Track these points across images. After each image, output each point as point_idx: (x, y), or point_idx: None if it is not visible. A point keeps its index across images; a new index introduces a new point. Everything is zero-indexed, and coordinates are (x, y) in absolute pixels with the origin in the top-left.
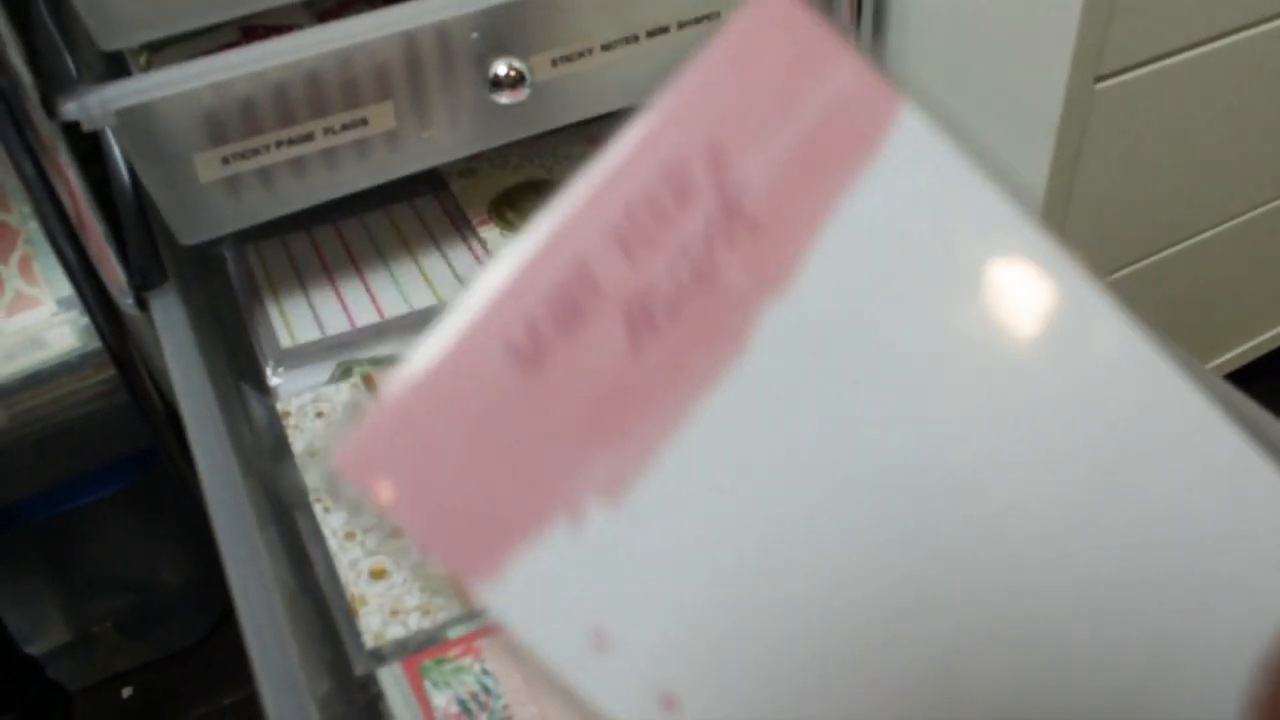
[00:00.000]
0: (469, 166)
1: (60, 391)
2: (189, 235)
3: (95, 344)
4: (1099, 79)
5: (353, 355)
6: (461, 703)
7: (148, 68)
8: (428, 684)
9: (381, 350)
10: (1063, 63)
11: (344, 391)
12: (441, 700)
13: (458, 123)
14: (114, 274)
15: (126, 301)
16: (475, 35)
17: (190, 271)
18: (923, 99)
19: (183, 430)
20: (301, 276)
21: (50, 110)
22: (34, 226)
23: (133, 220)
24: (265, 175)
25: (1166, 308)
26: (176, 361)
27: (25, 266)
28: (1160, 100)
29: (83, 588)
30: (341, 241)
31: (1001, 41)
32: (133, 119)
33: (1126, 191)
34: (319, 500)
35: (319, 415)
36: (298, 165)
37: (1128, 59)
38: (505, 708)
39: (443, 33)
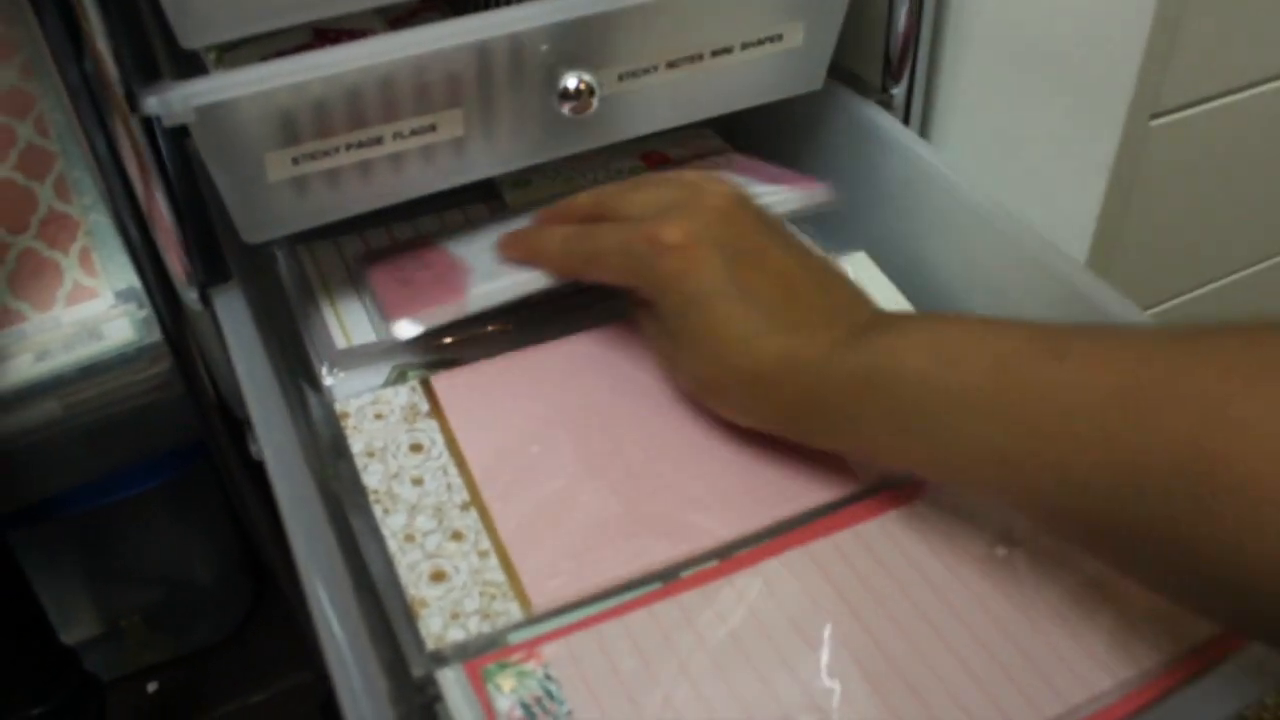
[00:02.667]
0: (523, 177)
1: (113, 384)
2: (254, 234)
3: (150, 338)
4: (1154, 116)
5: (407, 359)
6: (525, 706)
7: (218, 66)
8: (490, 687)
9: (434, 355)
10: (1121, 100)
11: (402, 394)
12: (505, 704)
13: (523, 133)
14: (180, 268)
15: (191, 297)
16: (546, 47)
17: (244, 270)
18: None
19: (234, 425)
20: (355, 278)
21: (133, 103)
22: (94, 219)
23: (199, 217)
24: (333, 177)
25: None
26: (243, 358)
27: (85, 258)
28: (1215, 139)
29: (114, 581)
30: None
31: (1058, 78)
32: (212, 116)
33: (1178, 227)
34: (378, 502)
35: (377, 417)
36: (365, 168)
37: (1185, 97)
38: (569, 714)
39: (515, 43)
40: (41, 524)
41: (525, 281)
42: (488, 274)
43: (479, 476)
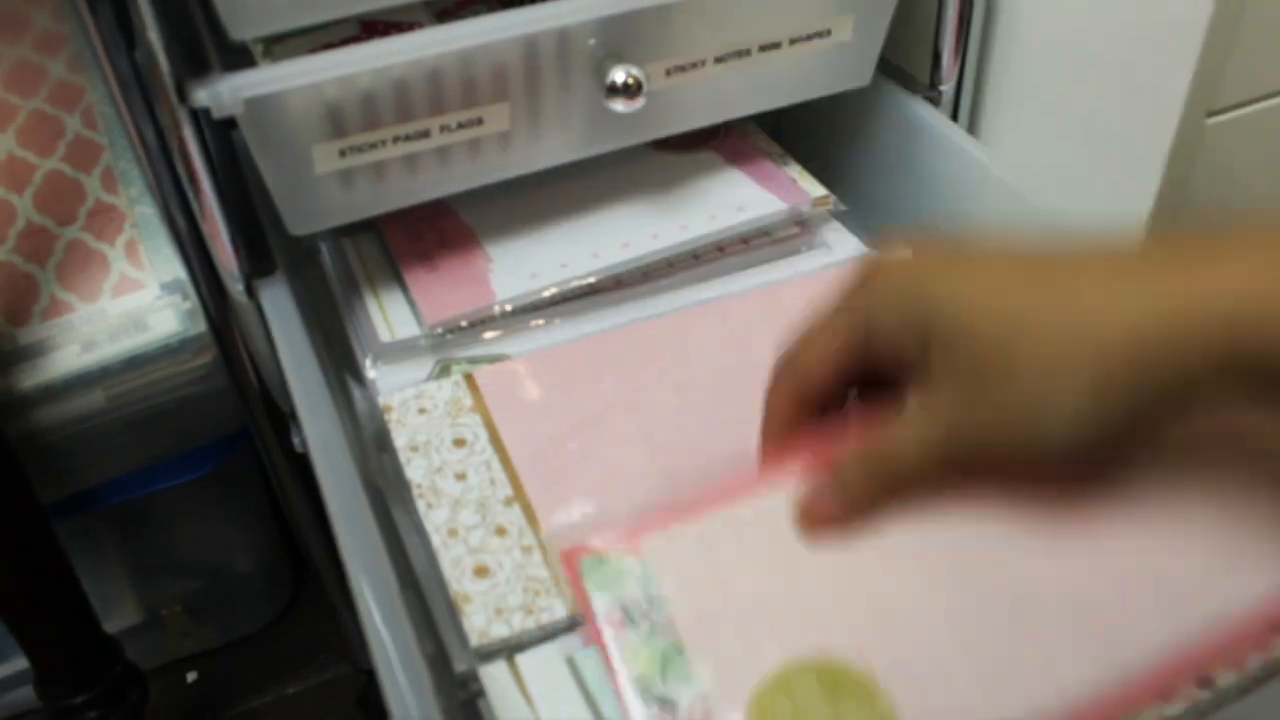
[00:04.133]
0: None
1: (158, 375)
2: (300, 226)
3: (195, 329)
4: (1210, 114)
5: (450, 354)
6: (625, 609)
7: (265, 58)
8: (589, 584)
9: (478, 350)
10: (1177, 97)
11: (445, 389)
12: (603, 605)
13: (570, 127)
14: (227, 259)
15: (237, 288)
16: (593, 41)
17: (289, 262)
18: None
19: (277, 416)
20: (399, 272)
21: (182, 95)
22: (140, 210)
23: (245, 209)
24: (379, 170)
25: None
26: (288, 350)
27: (131, 250)
28: (1272, 137)
29: (155, 570)
30: None
31: (1113, 73)
32: (260, 108)
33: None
34: (422, 496)
35: (421, 411)
36: (411, 161)
37: (1244, 94)
38: (668, 617)
39: (563, 37)
40: (85, 513)
41: (553, 280)
42: (509, 267)
43: (522, 472)
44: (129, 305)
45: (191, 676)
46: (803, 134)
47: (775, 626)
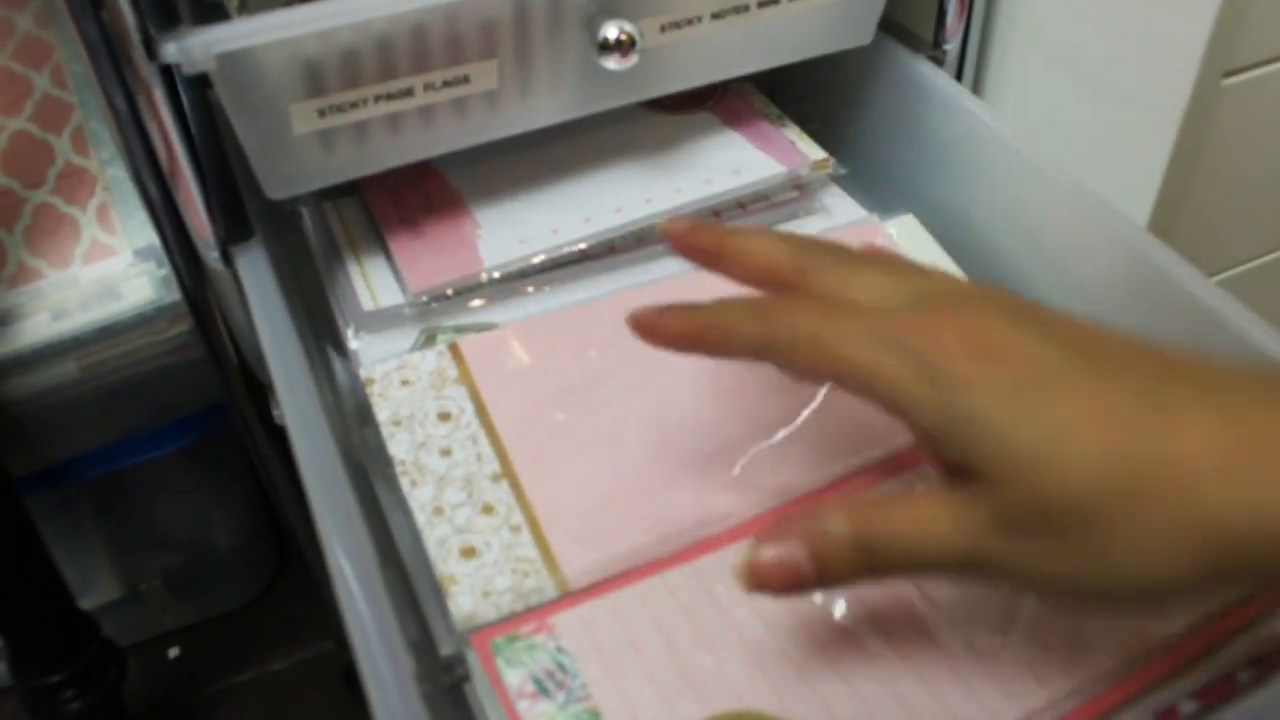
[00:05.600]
0: None
1: (133, 344)
2: (278, 189)
3: (170, 297)
4: (1227, 74)
5: (437, 322)
6: (537, 680)
7: (242, 13)
8: (500, 662)
9: (465, 318)
10: (1194, 56)
11: (429, 360)
12: (515, 679)
13: (560, 86)
14: (201, 225)
15: (212, 255)
16: None
17: (269, 228)
18: None
19: (255, 388)
20: (383, 237)
21: (151, 51)
22: (112, 173)
23: (218, 172)
24: (360, 130)
25: None
26: (265, 319)
27: (103, 214)
28: None
29: (134, 545)
30: None
31: (1126, 32)
32: (234, 64)
33: (1247, 189)
34: (405, 473)
35: (404, 384)
36: (394, 121)
37: (1260, 54)
38: (583, 686)
39: None
40: (61, 487)
41: (543, 246)
42: (498, 232)
43: (510, 446)
44: (101, 272)
45: (173, 652)
46: (801, 95)
47: (693, 688)
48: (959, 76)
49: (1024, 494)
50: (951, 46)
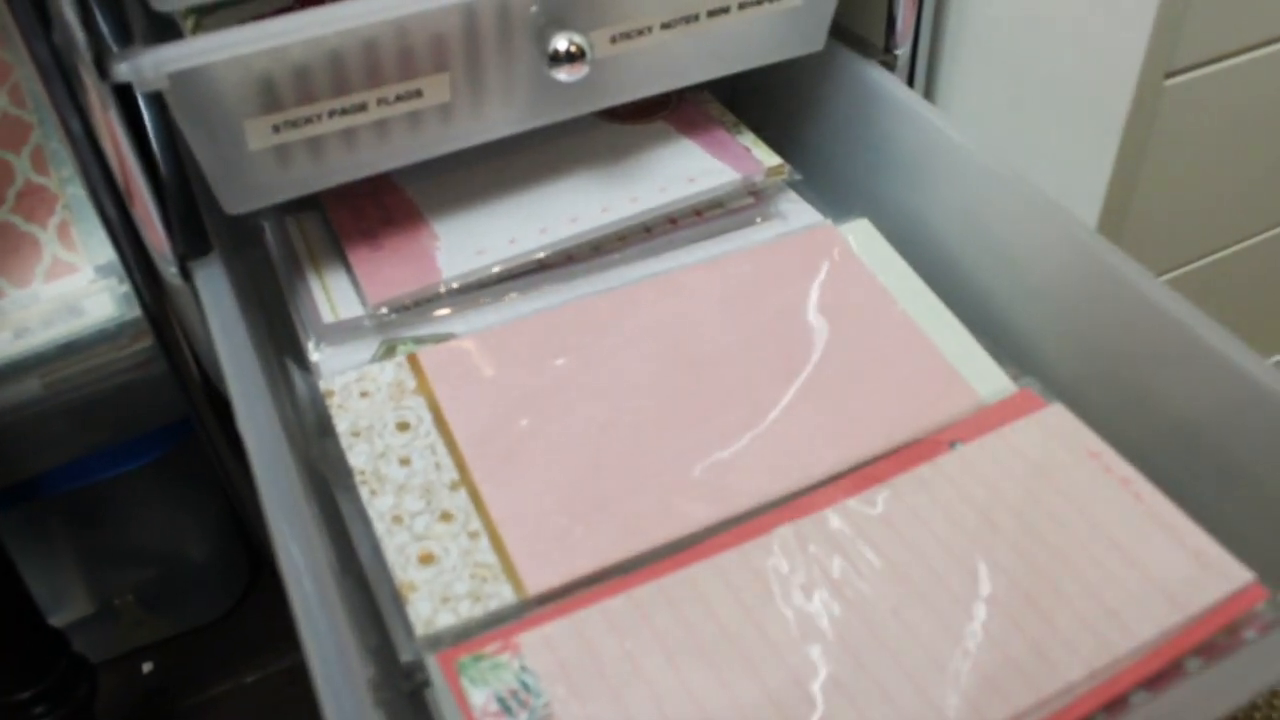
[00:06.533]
0: None
1: (96, 361)
2: (235, 205)
3: (133, 313)
4: (1169, 75)
5: (397, 333)
6: (500, 700)
7: (195, 32)
8: (464, 681)
9: (424, 329)
10: (1135, 57)
11: (388, 371)
12: (480, 698)
13: (513, 98)
14: (159, 241)
15: (170, 270)
16: (535, 9)
17: (230, 242)
18: None
19: (219, 403)
20: (344, 250)
21: (103, 70)
22: (72, 191)
23: (177, 188)
24: (315, 145)
25: (1230, 306)
26: (223, 334)
27: (64, 232)
28: (1230, 98)
29: (106, 560)
30: None
31: (1069, 35)
32: (186, 82)
33: (1192, 188)
34: (365, 483)
35: (363, 395)
36: (349, 136)
37: (1201, 55)
38: (546, 705)
39: (503, 4)
40: (29, 503)
41: (500, 257)
42: (455, 244)
43: (468, 454)
44: (62, 289)
45: (147, 667)
46: (757, 102)
47: (657, 704)
48: (910, 81)
49: None
50: (902, 52)
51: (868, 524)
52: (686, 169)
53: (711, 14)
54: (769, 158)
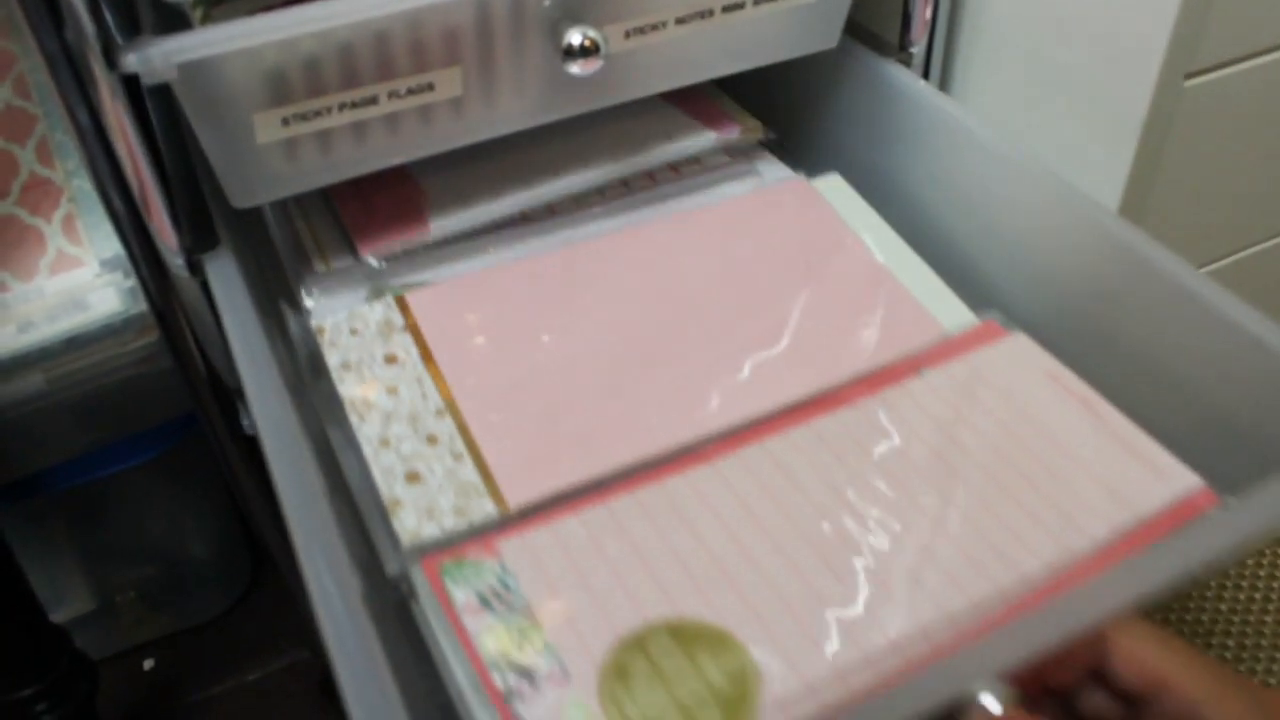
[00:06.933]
0: None
1: (100, 355)
2: (243, 198)
3: (137, 308)
4: (1189, 76)
5: (385, 282)
6: (481, 597)
7: (204, 23)
8: (447, 581)
9: (411, 278)
10: (1155, 58)
11: (377, 310)
12: (461, 596)
13: (525, 92)
14: (166, 234)
15: (177, 263)
16: (549, 2)
17: (238, 234)
18: None
19: (224, 398)
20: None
21: (111, 61)
22: (78, 184)
23: (184, 181)
24: (324, 139)
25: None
26: (235, 327)
27: (69, 225)
28: (1249, 100)
29: (108, 557)
30: None
31: (1089, 34)
32: (195, 74)
33: (1210, 190)
34: (354, 410)
35: (353, 332)
36: (359, 129)
37: (1220, 56)
38: (525, 602)
39: None
40: (31, 499)
41: (485, 209)
42: (444, 200)
43: (453, 385)
44: (67, 283)
45: (149, 664)
46: (768, 97)
47: (629, 599)
48: (925, 79)
49: None
50: (917, 49)
51: (837, 441)
52: (665, 128)
53: (726, 10)
54: (744, 118)
